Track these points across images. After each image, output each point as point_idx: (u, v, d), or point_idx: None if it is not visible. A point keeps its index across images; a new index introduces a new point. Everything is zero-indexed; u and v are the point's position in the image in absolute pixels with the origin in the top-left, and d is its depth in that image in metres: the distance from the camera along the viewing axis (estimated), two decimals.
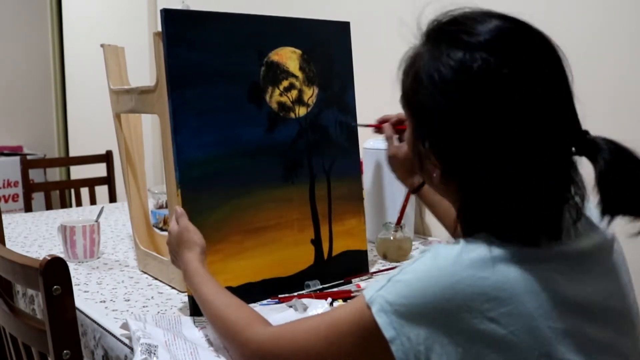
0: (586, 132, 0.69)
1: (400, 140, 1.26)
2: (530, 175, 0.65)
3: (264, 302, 1.17)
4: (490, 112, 0.64)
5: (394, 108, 1.87)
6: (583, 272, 0.69)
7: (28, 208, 2.43)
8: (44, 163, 3.19)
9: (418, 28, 0.75)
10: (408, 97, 0.74)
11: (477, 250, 0.65)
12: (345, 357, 0.70)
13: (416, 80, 0.71)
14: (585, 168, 0.69)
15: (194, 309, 1.11)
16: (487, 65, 0.64)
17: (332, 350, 0.70)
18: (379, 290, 0.67)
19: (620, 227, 0.69)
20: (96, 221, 1.51)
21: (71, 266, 1.35)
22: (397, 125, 1.28)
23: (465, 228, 0.71)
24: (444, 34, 0.70)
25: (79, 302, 1.15)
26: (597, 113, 1.34)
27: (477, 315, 0.62)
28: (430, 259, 0.66)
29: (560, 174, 0.67)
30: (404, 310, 0.65)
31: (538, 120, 0.65)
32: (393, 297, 0.65)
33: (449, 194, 0.75)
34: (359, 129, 1.38)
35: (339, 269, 1.31)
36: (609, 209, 0.65)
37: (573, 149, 0.68)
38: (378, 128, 1.32)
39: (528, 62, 0.66)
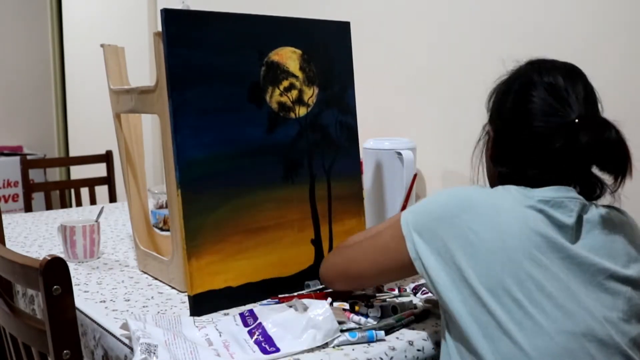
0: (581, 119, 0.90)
1: None
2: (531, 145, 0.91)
3: (264, 302, 1.17)
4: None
5: (394, 108, 1.88)
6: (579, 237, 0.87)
7: (28, 208, 2.43)
8: (44, 163, 3.19)
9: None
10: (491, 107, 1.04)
11: (484, 188, 0.92)
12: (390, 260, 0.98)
13: (498, 88, 1.02)
14: None
15: (194, 309, 1.11)
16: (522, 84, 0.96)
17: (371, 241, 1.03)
18: (408, 209, 0.96)
19: None
20: (96, 221, 1.51)
21: (71, 266, 1.36)
22: None
23: None
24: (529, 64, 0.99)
25: (79, 302, 1.15)
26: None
27: (460, 223, 0.87)
28: (446, 190, 0.95)
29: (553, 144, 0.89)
30: (414, 220, 0.93)
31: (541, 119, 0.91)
32: (414, 207, 0.96)
33: (492, 167, 1.01)
34: (359, 130, 1.38)
35: None
36: (590, 158, 0.88)
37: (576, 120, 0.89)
38: None
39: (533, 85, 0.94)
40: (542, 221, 0.85)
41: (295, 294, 1.20)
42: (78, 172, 3.44)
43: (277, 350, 0.95)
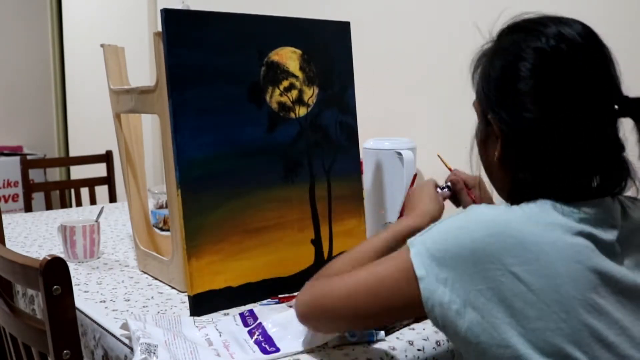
0: (627, 97, 0.76)
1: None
2: (582, 137, 0.72)
3: (264, 302, 1.17)
4: (551, 83, 0.73)
5: (394, 108, 1.88)
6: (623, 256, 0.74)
7: (28, 208, 2.43)
8: (44, 163, 3.19)
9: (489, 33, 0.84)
10: (480, 79, 0.82)
11: (516, 211, 0.72)
12: (382, 302, 0.77)
13: (492, 62, 0.80)
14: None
15: (194, 309, 1.11)
16: (551, 47, 0.74)
17: (372, 295, 0.78)
18: (421, 235, 0.75)
19: None
20: (96, 221, 1.51)
21: (71, 266, 1.36)
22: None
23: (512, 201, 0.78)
24: (518, 28, 0.80)
25: (79, 302, 1.15)
26: None
27: (501, 267, 0.67)
28: (471, 213, 0.73)
29: (606, 135, 0.74)
30: (438, 254, 0.71)
31: (586, 89, 0.73)
32: (430, 242, 0.73)
33: (503, 172, 0.80)
34: (359, 130, 1.38)
35: None
36: None
37: (616, 107, 0.74)
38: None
39: (580, 47, 0.74)
40: (592, 250, 0.69)
41: (295, 294, 1.19)
42: (78, 172, 3.44)
43: (277, 350, 0.95)
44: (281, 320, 1.02)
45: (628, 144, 0.78)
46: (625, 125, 0.84)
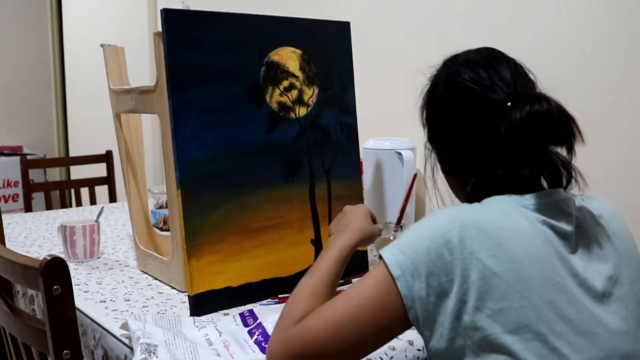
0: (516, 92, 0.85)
1: None
2: (482, 135, 0.83)
3: (264, 302, 1.17)
4: (449, 98, 0.89)
5: (394, 108, 1.88)
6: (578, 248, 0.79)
7: (28, 208, 2.43)
8: (44, 163, 3.19)
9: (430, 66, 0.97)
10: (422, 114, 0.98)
11: (476, 205, 0.80)
12: (371, 326, 0.76)
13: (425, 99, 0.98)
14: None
15: (194, 309, 1.11)
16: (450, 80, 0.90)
17: (360, 323, 0.76)
18: (393, 243, 0.78)
19: None
20: (96, 221, 1.51)
21: (71, 266, 1.36)
22: None
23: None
24: (444, 67, 0.94)
25: (79, 302, 1.15)
26: (598, 113, 1.35)
27: (470, 255, 0.72)
28: (435, 213, 0.79)
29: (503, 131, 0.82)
30: (410, 252, 0.75)
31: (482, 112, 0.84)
32: (402, 243, 0.77)
33: (454, 181, 0.92)
34: (359, 130, 1.38)
35: None
36: (534, 138, 0.79)
37: (509, 104, 0.83)
38: None
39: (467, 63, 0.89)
40: (550, 236, 0.76)
41: None
42: (78, 172, 3.44)
43: None
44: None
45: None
46: (626, 127, 0.84)
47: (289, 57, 1.26)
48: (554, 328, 0.71)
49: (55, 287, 0.90)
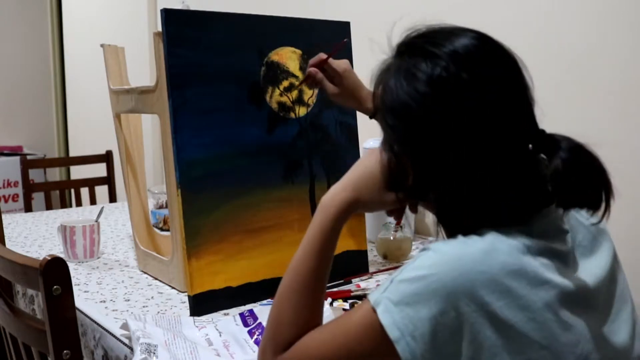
0: (543, 131, 0.71)
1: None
2: (492, 171, 0.68)
3: (264, 302, 1.17)
4: (451, 116, 0.68)
5: None
6: (573, 266, 0.72)
7: (28, 208, 2.43)
8: (44, 163, 3.19)
9: (389, 44, 0.80)
10: (379, 108, 0.76)
11: (477, 245, 0.66)
12: None
13: (385, 91, 0.74)
14: None
15: (194, 309, 1.11)
16: (447, 72, 0.68)
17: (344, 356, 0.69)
18: (383, 292, 0.66)
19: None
20: (96, 221, 1.51)
21: (71, 266, 1.36)
22: (319, 65, 1.19)
23: (448, 231, 0.73)
24: (411, 46, 0.75)
25: (79, 302, 1.15)
26: (598, 114, 1.35)
27: (479, 308, 0.62)
28: (432, 255, 0.66)
29: (521, 169, 0.70)
30: (409, 310, 0.64)
31: (493, 122, 0.68)
32: (396, 296, 0.65)
33: (426, 203, 0.77)
34: (359, 130, 1.38)
35: (339, 269, 1.31)
36: (563, 202, 0.69)
37: (530, 146, 0.70)
38: (309, 78, 1.20)
39: (485, 70, 0.69)
40: (551, 267, 0.67)
41: None
42: (78, 172, 3.44)
43: None
44: None
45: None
46: (627, 126, 0.84)
47: (289, 57, 1.26)
48: None
49: (55, 287, 0.90)
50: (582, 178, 0.67)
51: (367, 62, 0.91)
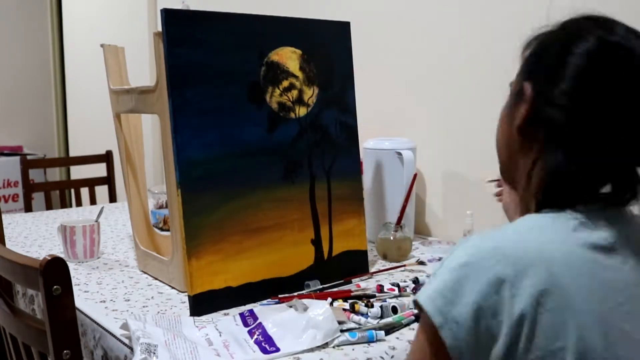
0: None
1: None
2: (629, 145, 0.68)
3: (264, 302, 1.17)
4: (596, 76, 0.69)
5: (394, 108, 1.88)
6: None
7: (28, 208, 2.43)
8: (44, 163, 3.18)
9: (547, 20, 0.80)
10: (530, 54, 0.78)
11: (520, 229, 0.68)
12: None
13: (551, 38, 0.77)
14: None
15: (194, 309, 1.11)
16: (613, 43, 0.70)
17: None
18: (426, 287, 0.68)
19: None
20: (96, 221, 1.51)
21: (71, 266, 1.36)
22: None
23: (540, 201, 0.72)
24: (588, 17, 0.76)
25: (79, 302, 1.15)
26: None
27: (517, 292, 0.62)
28: (470, 244, 0.68)
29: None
30: (450, 296, 0.65)
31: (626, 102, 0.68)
32: (437, 284, 0.66)
33: (522, 153, 0.75)
34: (359, 130, 1.38)
35: (339, 269, 1.31)
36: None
37: None
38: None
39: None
40: (600, 263, 0.67)
41: (295, 294, 1.20)
42: (78, 172, 3.44)
43: (277, 350, 0.96)
44: (281, 320, 1.02)
45: None
46: None
47: (289, 57, 1.26)
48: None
49: (55, 287, 0.90)
50: None
51: (367, 62, 0.90)
